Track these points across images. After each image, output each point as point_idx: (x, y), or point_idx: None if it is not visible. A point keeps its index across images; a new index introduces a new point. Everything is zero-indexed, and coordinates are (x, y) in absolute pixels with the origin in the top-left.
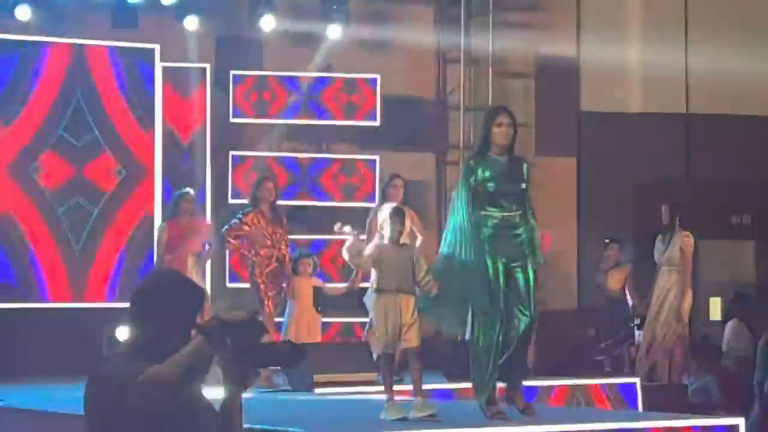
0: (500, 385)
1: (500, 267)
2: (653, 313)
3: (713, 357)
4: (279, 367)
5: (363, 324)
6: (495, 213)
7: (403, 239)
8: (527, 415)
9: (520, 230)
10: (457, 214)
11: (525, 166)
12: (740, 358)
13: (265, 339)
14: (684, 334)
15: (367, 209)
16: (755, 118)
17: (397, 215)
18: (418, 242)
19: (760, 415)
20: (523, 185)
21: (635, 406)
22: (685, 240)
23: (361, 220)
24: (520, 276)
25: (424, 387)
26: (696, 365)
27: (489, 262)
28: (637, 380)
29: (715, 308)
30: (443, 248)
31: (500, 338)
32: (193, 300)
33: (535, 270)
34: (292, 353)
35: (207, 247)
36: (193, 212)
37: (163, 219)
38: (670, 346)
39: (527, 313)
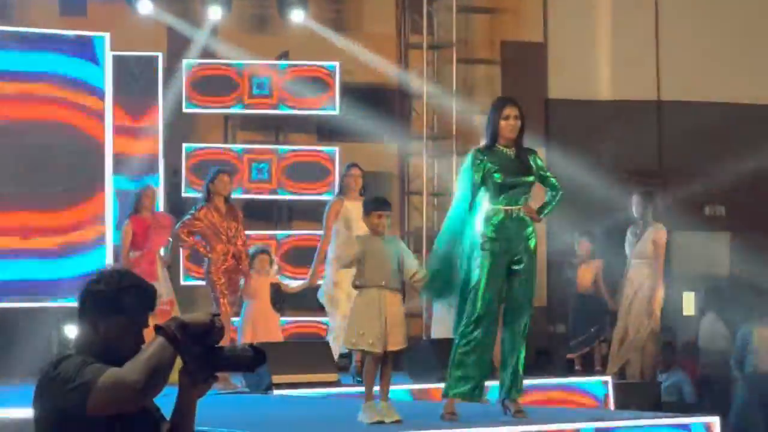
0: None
1: (504, 261)
2: (624, 308)
3: (686, 353)
4: (239, 372)
5: (323, 323)
6: (500, 206)
7: (358, 232)
8: (518, 418)
9: (525, 224)
10: (459, 204)
11: (533, 158)
12: (717, 353)
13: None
14: (656, 330)
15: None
16: (729, 105)
17: (382, 205)
18: None
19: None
20: (531, 178)
21: (607, 405)
22: (657, 232)
23: (320, 213)
24: (522, 273)
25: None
26: (669, 361)
27: (490, 259)
28: (608, 378)
29: (689, 303)
30: (440, 241)
31: (487, 338)
32: (144, 299)
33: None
34: (254, 358)
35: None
36: (154, 207)
37: (127, 215)
38: (642, 342)
39: (524, 312)
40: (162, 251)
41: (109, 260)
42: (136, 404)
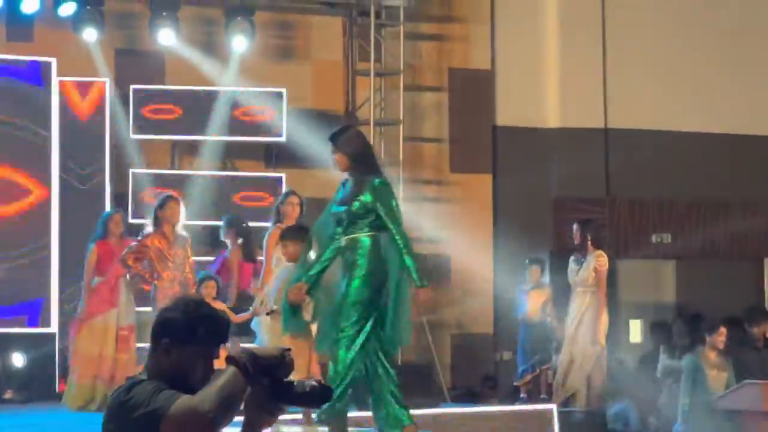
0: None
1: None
2: (569, 336)
3: (630, 381)
4: (305, 407)
5: None
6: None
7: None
8: None
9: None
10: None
11: (366, 188)
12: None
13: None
14: (602, 358)
15: None
16: (675, 133)
17: (296, 234)
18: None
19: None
20: (353, 206)
21: None
22: (598, 260)
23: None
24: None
25: None
26: (613, 389)
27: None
28: (554, 406)
29: (636, 330)
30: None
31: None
32: (218, 331)
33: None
34: (321, 395)
35: None
36: (122, 233)
37: (92, 240)
38: (587, 370)
39: None
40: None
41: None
42: None
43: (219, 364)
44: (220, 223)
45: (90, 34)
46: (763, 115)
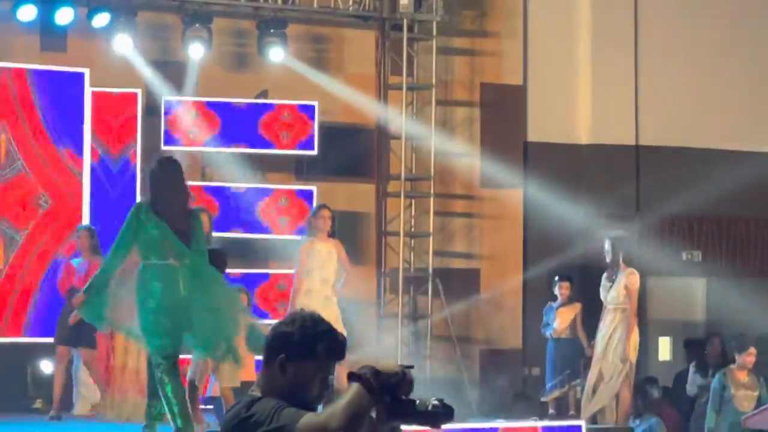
0: None
1: None
2: (599, 353)
3: (659, 398)
4: (426, 426)
5: None
6: None
7: (329, 274)
8: None
9: None
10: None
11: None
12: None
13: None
14: (631, 375)
15: None
16: (707, 151)
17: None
18: (344, 276)
19: None
20: None
21: None
22: (629, 277)
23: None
24: None
25: None
26: (641, 406)
27: None
28: (582, 423)
29: (665, 348)
30: None
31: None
32: (336, 347)
33: None
34: (444, 414)
35: None
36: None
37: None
38: (616, 387)
39: None
40: None
41: None
42: None
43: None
44: (250, 235)
45: (123, 45)
46: None
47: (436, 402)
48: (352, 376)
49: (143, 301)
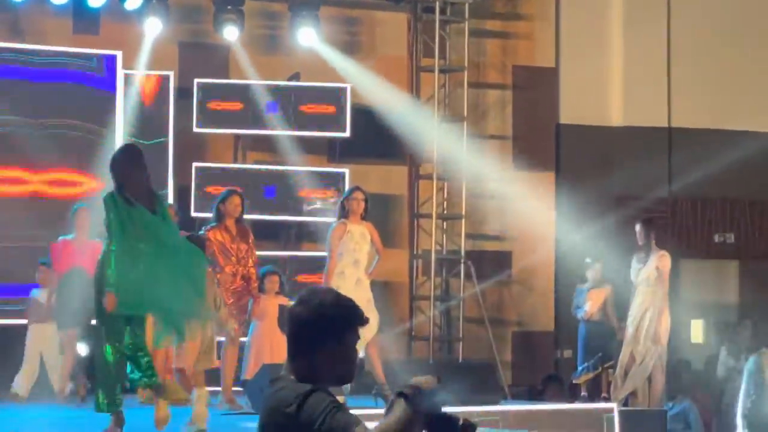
0: None
1: None
2: (630, 335)
3: (692, 381)
4: None
5: None
6: None
7: (362, 256)
8: None
9: None
10: None
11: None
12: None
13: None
14: (663, 358)
15: None
16: (739, 133)
17: None
18: (377, 259)
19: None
20: None
21: None
22: (661, 259)
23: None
24: None
25: None
26: (675, 390)
27: None
28: (614, 405)
29: (697, 330)
30: None
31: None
32: (354, 315)
33: None
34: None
35: None
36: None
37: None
38: (648, 370)
39: None
40: None
41: None
42: None
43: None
44: (283, 217)
45: (155, 28)
46: None
47: (468, 422)
48: (399, 394)
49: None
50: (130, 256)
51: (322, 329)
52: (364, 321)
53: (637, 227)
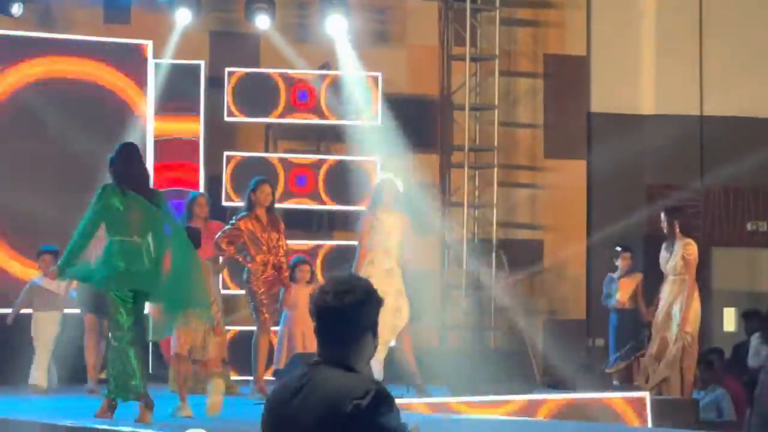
0: None
1: None
2: (659, 324)
3: (724, 370)
4: None
5: None
6: None
7: (392, 246)
8: None
9: None
10: None
11: None
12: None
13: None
14: (694, 346)
15: None
16: None
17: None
18: (408, 248)
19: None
20: None
21: (645, 421)
22: (686, 248)
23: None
24: None
25: None
26: (706, 378)
27: None
28: (646, 394)
29: (729, 319)
30: None
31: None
32: (373, 300)
33: None
34: None
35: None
36: (207, 216)
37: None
38: (678, 358)
39: None
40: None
41: None
42: None
43: None
44: (314, 206)
45: (185, 17)
46: None
47: None
48: None
49: (106, 276)
50: (119, 246)
51: (361, 319)
52: (381, 302)
53: (662, 216)
